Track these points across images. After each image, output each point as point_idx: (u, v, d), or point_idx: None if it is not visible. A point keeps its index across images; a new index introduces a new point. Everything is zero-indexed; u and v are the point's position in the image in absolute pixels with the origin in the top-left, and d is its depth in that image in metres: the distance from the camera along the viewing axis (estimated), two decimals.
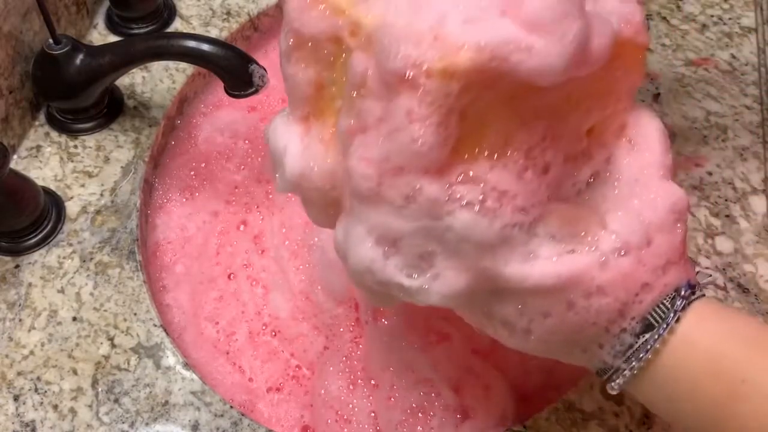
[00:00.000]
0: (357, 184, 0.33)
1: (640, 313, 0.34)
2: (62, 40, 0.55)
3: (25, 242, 0.53)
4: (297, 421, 0.51)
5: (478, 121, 0.32)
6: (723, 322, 0.35)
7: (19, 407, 0.47)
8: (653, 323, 0.34)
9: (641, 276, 0.34)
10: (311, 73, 0.36)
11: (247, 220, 0.60)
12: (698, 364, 0.34)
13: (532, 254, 0.33)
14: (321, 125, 0.36)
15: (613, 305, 0.34)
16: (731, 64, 0.64)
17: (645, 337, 0.34)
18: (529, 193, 0.33)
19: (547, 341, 0.35)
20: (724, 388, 0.33)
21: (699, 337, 0.34)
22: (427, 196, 0.32)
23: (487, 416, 0.49)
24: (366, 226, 0.33)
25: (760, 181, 0.57)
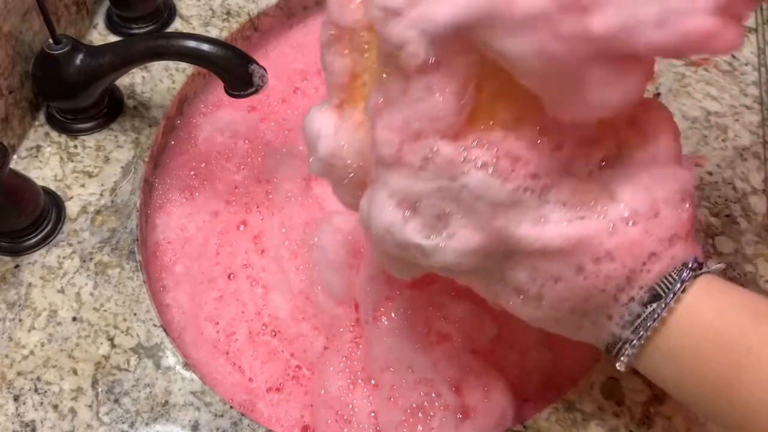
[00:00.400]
0: (380, 150, 0.35)
1: (648, 283, 0.35)
2: (62, 40, 0.55)
3: (25, 242, 0.53)
4: (297, 421, 0.51)
5: (493, 94, 0.34)
6: (729, 295, 0.36)
7: (19, 407, 0.47)
8: (660, 293, 0.35)
9: (648, 245, 0.35)
10: (347, 62, 0.39)
11: (247, 220, 0.60)
12: (704, 334, 0.35)
13: (543, 218, 0.35)
14: (353, 110, 0.39)
15: (621, 271, 0.35)
16: (731, 64, 0.64)
17: (652, 306, 0.35)
18: (541, 162, 0.35)
19: (558, 308, 0.36)
20: (729, 358, 0.34)
21: (705, 309, 0.35)
22: (444, 157, 0.34)
23: (487, 416, 0.49)
24: (387, 191, 0.36)
25: (760, 181, 0.57)
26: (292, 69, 0.68)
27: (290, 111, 0.66)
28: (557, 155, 0.35)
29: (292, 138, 0.64)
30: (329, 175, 0.41)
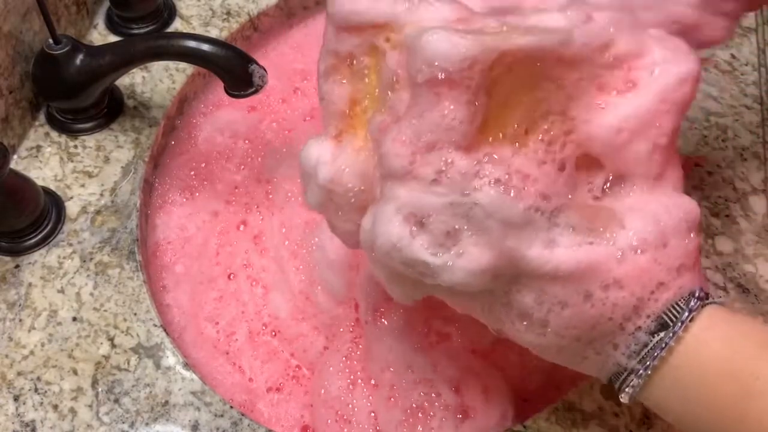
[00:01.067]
0: (390, 163, 0.34)
1: (655, 312, 0.35)
2: (62, 40, 0.55)
3: (25, 242, 0.53)
4: (297, 421, 0.51)
5: (502, 103, 0.35)
6: (735, 324, 0.35)
7: (19, 407, 0.47)
8: (668, 321, 0.35)
9: (657, 274, 0.35)
10: (347, 89, 0.39)
11: (247, 220, 0.60)
12: (711, 363, 0.34)
13: (553, 241, 0.34)
14: (353, 137, 0.39)
15: (629, 300, 0.34)
16: (731, 64, 0.64)
17: (660, 336, 0.34)
18: (549, 182, 0.35)
19: (563, 336, 0.36)
20: (737, 387, 0.33)
21: (711, 338, 0.35)
22: (458, 170, 0.34)
23: (487, 416, 0.49)
24: (396, 205, 0.34)
25: (760, 181, 0.57)
26: (292, 69, 0.68)
27: (290, 111, 0.66)
28: (562, 175, 0.35)
29: (292, 138, 0.64)
30: (328, 203, 0.40)
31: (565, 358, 0.38)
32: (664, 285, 0.35)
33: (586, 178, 0.37)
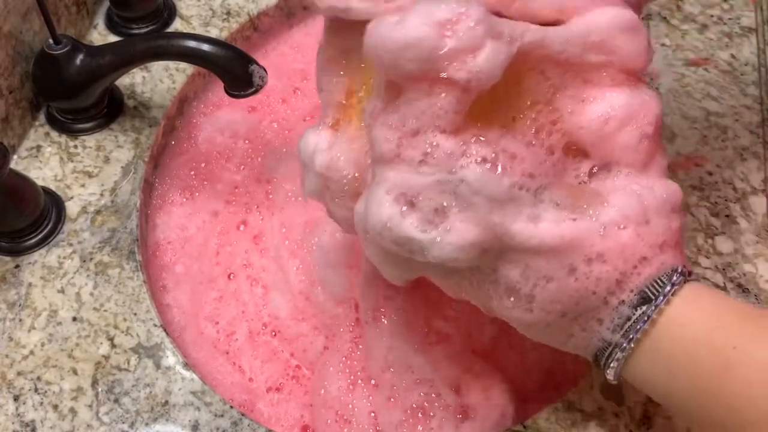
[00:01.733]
0: (379, 147, 0.36)
1: (638, 286, 0.36)
2: (62, 40, 0.55)
3: (25, 242, 0.53)
4: (297, 421, 0.51)
5: (488, 93, 0.35)
6: (716, 299, 0.36)
7: (19, 407, 0.47)
8: (650, 296, 0.36)
9: (639, 249, 0.36)
10: (344, 80, 0.40)
11: (247, 220, 0.60)
12: (693, 335, 0.35)
13: (537, 216, 0.35)
14: (348, 125, 0.40)
15: (612, 274, 0.35)
16: (731, 64, 0.64)
17: (642, 309, 0.35)
18: (536, 163, 0.36)
19: (549, 311, 0.37)
20: (717, 358, 0.34)
21: (693, 311, 0.36)
22: (444, 150, 0.35)
23: (487, 416, 0.49)
24: (385, 187, 0.36)
25: (760, 181, 0.57)
26: (292, 69, 0.68)
27: (290, 111, 0.66)
28: (550, 159, 0.36)
29: (292, 138, 0.64)
30: (325, 190, 0.41)
31: (552, 336, 0.39)
32: (646, 260, 0.36)
33: (573, 164, 0.37)
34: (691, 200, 0.56)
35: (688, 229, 0.54)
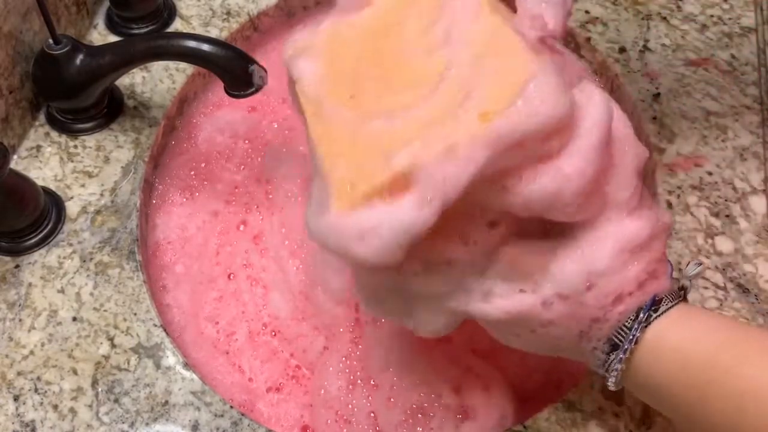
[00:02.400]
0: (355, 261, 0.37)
1: (604, 336, 0.37)
2: (62, 40, 0.55)
3: (25, 242, 0.53)
4: (297, 421, 0.51)
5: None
6: (695, 322, 0.37)
7: (19, 407, 0.47)
8: (618, 343, 0.37)
9: (587, 313, 0.37)
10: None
11: (247, 220, 0.60)
12: (667, 367, 0.36)
13: (487, 293, 0.37)
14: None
15: (570, 332, 0.37)
16: (731, 64, 0.64)
17: (614, 354, 0.37)
18: (476, 252, 0.37)
19: (536, 348, 0.40)
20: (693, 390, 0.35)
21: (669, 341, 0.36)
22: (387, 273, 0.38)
23: (487, 416, 0.49)
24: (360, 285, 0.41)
25: (760, 181, 0.57)
26: None
27: (290, 111, 0.66)
28: (492, 233, 0.37)
29: (292, 138, 0.64)
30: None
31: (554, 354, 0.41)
32: (599, 320, 0.37)
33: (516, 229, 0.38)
34: (691, 200, 0.56)
35: (688, 229, 0.54)
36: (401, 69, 0.37)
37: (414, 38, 0.38)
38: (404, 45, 0.38)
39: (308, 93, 0.39)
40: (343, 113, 0.37)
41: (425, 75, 0.36)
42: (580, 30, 0.67)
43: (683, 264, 0.53)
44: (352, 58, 0.39)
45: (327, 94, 0.38)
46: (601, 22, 0.67)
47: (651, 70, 0.63)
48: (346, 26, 0.40)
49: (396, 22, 0.39)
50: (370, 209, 0.34)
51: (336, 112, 0.37)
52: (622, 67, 0.64)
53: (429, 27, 0.38)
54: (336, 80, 0.39)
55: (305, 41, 0.41)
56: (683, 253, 0.53)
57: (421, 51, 0.37)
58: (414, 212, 0.33)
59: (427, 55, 0.37)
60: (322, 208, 0.36)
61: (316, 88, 0.39)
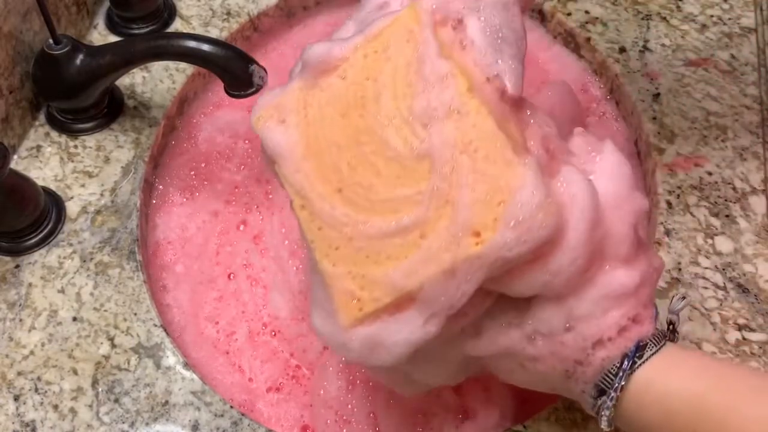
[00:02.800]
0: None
1: (590, 380, 0.37)
2: (62, 40, 0.55)
3: (25, 242, 0.53)
4: (297, 421, 0.51)
5: None
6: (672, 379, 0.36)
7: (20, 407, 0.47)
8: (604, 388, 0.37)
9: (569, 354, 0.37)
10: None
11: (247, 220, 0.60)
12: (653, 416, 0.36)
13: (477, 329, 0.38)
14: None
15: (556, 370, 0.38)
16: (731, 64, 0.64)
17: (601, 400, 0.37)
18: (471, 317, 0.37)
19: (533, 385, 0.41)
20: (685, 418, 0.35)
21: (649, 397, 0.36)
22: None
23: (487, 416, 0.49)
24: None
25: (760, 181, 0.57)
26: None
27: None
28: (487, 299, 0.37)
29: None
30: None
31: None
32: (581, 362, 0.37)
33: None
34: (691, 200, 0.56)
35: (688, 229, 0.54)
36: (384, 158, 0.36)
37: (392, 117, 0.37)
38: (382, 127, 0.37)
39: (292, 182, 0.38)
40: (334, 212, 0.37)
41: (410, 170, 0.36)
42: (580, 30, 0.67)
43: (683, 265, 0.53)
44: (330, 140, 0.38)
45: (312, 187, 0.38)
46: (601, 22, 0.67)
47: (651, 70, 0.63)
48: (317, 96, 0.39)
49: (370, 95, 0.37)
50: (378, 323, 0.36)
51: (327, 210, 0.37)
52: (622, 67, 0.64)
53: (406, 106, 0.36)
54: (319, 168, 0.38)
55: (273, 106, 0.40)
56: (683, 253, 0.53)
57: (401, 137, 0.36)
58: (419, 328, 0.35)
59: (409, 143, 0.36)
60: (329, 316, 0.38)
61: (300, 178, 0.38)
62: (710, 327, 0.50)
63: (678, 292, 0.41)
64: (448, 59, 0.36)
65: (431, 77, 0.36)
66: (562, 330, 0.36)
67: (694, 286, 0.52)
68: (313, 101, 0.39)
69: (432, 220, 0.35)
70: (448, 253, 0.35)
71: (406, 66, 0.37)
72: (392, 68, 0.37)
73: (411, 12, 0.37)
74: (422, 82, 0.36)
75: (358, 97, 0.37)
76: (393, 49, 0.37)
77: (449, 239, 0.35)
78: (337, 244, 0.37)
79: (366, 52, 0.38)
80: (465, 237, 0.34)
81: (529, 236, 0.34)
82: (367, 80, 0.37)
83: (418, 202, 0.35)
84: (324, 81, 0.38)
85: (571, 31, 0.67)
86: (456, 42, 0.37)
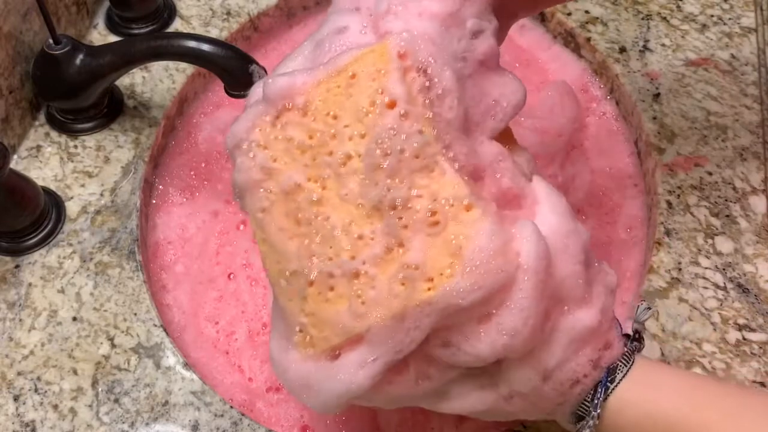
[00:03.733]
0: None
1: (569, 411, 0.38)
2: (62, 40, 0.55)
3: (25, 242, 0.53)
4: (296, 421, 0.51)
5: None
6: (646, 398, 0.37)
7: (19, 407, 0.47)
8: (582, 415, 0.37)
9: (549, 401, 0.37)
10: None
11: (247, 220, 0.60)
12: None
13: (445, 394, 0.38)
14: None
15: (535, 414, 0.38)
16: (731, 64, 0.64)
17: (580, 425, 0.38)
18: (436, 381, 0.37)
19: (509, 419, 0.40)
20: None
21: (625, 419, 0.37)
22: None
23: None
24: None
25: (760, 181, 0.57)
26: None
27: None
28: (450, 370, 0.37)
29: None
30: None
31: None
32: (560, 404, 0.37)
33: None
34: (691, 200, 0.56)
35: (688, 229, 0.54)
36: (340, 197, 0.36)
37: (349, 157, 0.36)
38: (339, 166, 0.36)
39: (255, 216, 0.38)
40: (289, 247, 0.37)
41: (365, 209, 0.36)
42: (580, 30, 0.67)
43: (683, 265, 0.53)
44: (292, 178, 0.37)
45: (272, 220, 0.37)
46: (601, 22, 0.67)
47: (651, 70, 0.63)
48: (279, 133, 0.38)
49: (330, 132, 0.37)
50: (319, 364, 0.36)
51: (283, 244, 0.37)
52: (622, 67, 0.64)
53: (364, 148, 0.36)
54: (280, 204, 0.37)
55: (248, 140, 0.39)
56: (683, 253, 0.53)
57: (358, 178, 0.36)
58: (352, 372, 0.35)
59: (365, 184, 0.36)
60: (284, 345, 0.38)
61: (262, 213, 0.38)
62: (710, 327, 0.50)
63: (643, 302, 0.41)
64: (413, 105, 0.36)
65: (393, 121, 0.35)
66: (541, 383, 0.36)
67: (694, 286, 0.52)
68: (279, 136, 0.38)
69: (384, 262, 0.35)
70: (397, 299, 0.34)
71: (369, 105, 0.36)
72: (354, 106, 0.36)
73: (381, 49, 0.37)
74: (383, 125, 0.35)
75: (318, 134, 0.37)
76: (357, 86, 0.37)
77: (400, 283, 0.34)
78: (290, 280, 0.37)
79: (329, 87, 0.37)
80: (417, 282, 0.34)
81: (484, 282, 0.34)
82: (328, 116, 0.37)
83: (371, 243, 0.35)
84: (287, 116, 0.38)
85: (571, 31, 0.67)
86: (422, 90, 0.36)
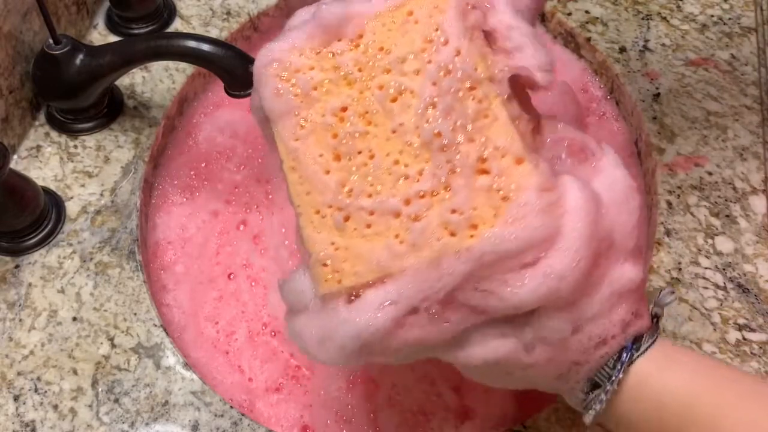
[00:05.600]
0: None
1: (584, 377, 0.36)
2: (62, 40, 0.55)
3: (25, 242, 0.53)
4: (296, 421, 0.51)
5: None
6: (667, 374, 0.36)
7: (19, 407, 0.47)
8: (599, 383, 0.36)
9: (568, 357, 0.35)
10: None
11: (247, 220, 0.60)
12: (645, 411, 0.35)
13: (467, 342, 0.35)
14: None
15: (548, 375, 0.36)
16: (731, 64, 0.64)
17: (594, 394, 0.36)
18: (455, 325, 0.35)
19: (506, 386, 0.39)
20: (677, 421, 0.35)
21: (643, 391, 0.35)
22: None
23: (487, 416, 0.49)
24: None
25: (760, 181, 0.57)
26: None
27: None
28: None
29: None
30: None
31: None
32: (579, 363, 0.35)
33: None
34: (691, 200, 0.56)
35: (688, 229, 0.54)
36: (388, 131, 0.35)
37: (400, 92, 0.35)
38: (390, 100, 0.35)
39: (287, 142, 0.36)
40: (326, 178, 0.35)
41: (414, 148, 0.34)
42: (580, 30, 0.67)
43: (683, 265, 0.53)
44: (334, 106, 0.36)
45: (307, 149, 0.36)
46: (601, 22, 0.67)
47: (651, 70, 0.63)
48: (329, 62, 0.36)
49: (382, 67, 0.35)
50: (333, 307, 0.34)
51: (319, 174, 0.35)
52: (622, 67, 0.64)
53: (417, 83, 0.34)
54: (317, 132, 0.36)
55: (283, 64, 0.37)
56: (683, 253, 0.53)
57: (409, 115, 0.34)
58: (370, 315, 0.33)
59: (416, 122, 0.34)
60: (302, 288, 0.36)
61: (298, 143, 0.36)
62: (710, 327, 0.50)
63: (667, 287, 0.40)
64: (471, 43, 0.34)
65: (449, 59, 0.34)
66: (569, 334, 0.35)
67: (694, 286, 0.52)
68: (324, 65, 0.37)
69: (428, 204, 0.33)
70: (438, 243, 0.33)
71: (424, 42, 0.35)
72: (409, 43, 0.35)
73: None
74: (438, 62, 0.34)
75: (368, 67, 0.36)
76: (414, 23, 0.36)
77: (443, 227, 0.33)
78: (324, 212, 0.35)
79: (385, 21, 0.36)
80: (460, 228, 0.33)
81: (523, 235, 0.32)
82: (381, 51, 0.36)
83: (417, 183, 0.34)
84: (336, 46, 0.36)
85: (571, 31, 0.67)
86: (482, 28, 0.35)
